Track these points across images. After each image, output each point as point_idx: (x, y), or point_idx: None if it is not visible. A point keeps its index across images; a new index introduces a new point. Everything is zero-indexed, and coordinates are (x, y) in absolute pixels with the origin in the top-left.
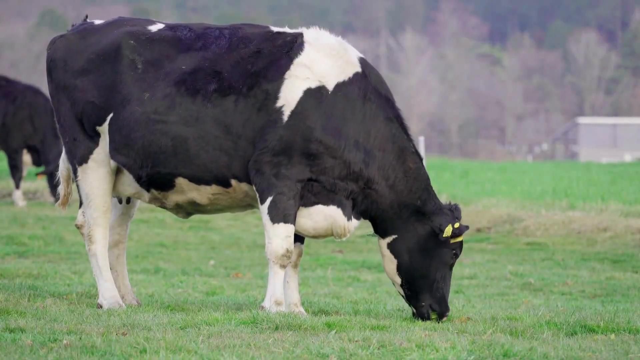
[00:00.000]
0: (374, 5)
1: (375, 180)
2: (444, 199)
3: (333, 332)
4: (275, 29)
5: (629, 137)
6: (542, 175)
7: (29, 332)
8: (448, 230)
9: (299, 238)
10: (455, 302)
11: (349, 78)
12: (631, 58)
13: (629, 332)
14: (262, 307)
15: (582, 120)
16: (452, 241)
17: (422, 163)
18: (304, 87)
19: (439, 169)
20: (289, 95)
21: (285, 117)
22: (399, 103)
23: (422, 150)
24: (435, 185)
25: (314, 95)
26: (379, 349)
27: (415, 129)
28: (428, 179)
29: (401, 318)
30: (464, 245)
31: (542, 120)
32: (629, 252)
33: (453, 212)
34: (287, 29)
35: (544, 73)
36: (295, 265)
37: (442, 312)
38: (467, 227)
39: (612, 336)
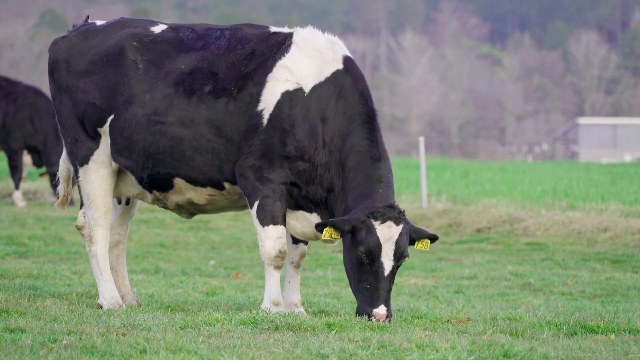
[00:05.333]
0: (374, 5)
1: (335, 183)
2: (444, 199)
3: (333, 332)
4: (273, 29)
5: (629, 137)
6: (542, 176)
7: (29, 332)
8: (325, 234)
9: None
10: (455, 302)
11: (326, 78)
12: (631, 58)
13: (629, 333)
14: (261, 310)
15: (582, 120)
16: (359, 240)
17: (368, 163)
18: (283, 89)
19: (439, 169)
20: (269, 98)
21: (265, 121)
22: (399, 103)
23: (422, 150)
24: (435, 186)
25: (291, 98)
26: (379, 349)
27: (415, 129)
28: (368, 180)
29: (401, 318)
30: (464, 246)
31: (542, 121)
32: (629, 252)
33: (368, 217)
34: (283, 29)
35: (544, 73)
36: (298, 266)
37: (360, 311)
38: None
39: (612, 336)
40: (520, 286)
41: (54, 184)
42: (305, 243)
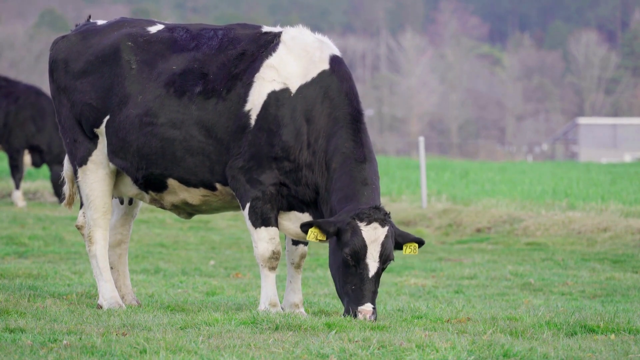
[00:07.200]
0: (374, 5)
1: (319, 184)
2: (444, 199)
3: (333, 332)
4: (265, 29)
5: (629, 137)
6: (542, 175)
7: (29, 332)
8: (310, 234)
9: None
10: (455, 302)
11: (312, 78)
12: (631, 58)
13: (629, 332)
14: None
15: (582, 120)
16: (343, 242)
17: (352, 165)
18: (269, 89)
19: (439, 169)
20: (256, 99)
21: (253, 121)
22: (399, 103)
23: (422, 150)
24: (435, 186)
25: (278, 98)
26: (379, 349)
27: (415, 129)
28: (352, 183)
29: (401, 318)
30: (464, 246)
31: (542, 121)
32: (629, 252)
33: (354, 218)
34: (274, 29)
35: (544, 73)
36: (298, 267)
37: (347, 310)
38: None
39: (612, 336)
40: (520, 286)
41: (59, 183)
42: (305, 244)
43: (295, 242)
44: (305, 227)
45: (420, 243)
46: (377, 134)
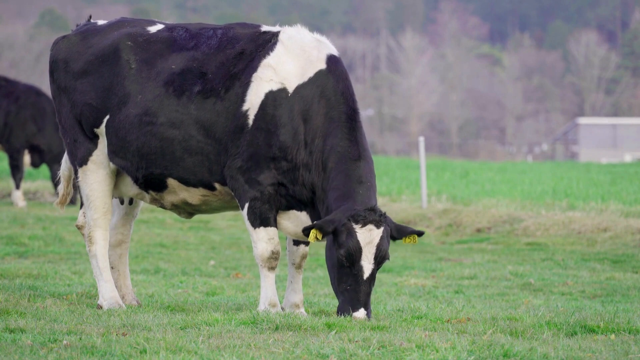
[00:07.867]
0: (374, 5)
1: (316, 184)
2: (444, 199)
3: (333, 332)
4: (264, 28)
5: (629, 137)
6: (542, 176)
7: (29, 333)
8: (310, 236)
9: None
10: (455, 302)
11: (309, 78)
12: (631, 58)
13: (629, 333)
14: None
15: (582, 120)
16: (339, 242)
17: (348, 163)
18: (267, 89)
19: (439, 169)
20: (253, 99)
21: (251, 121)
22: (399, 103)
23: (422, 150)
24: (435, 186)
25: (275, 98)
26: (379, 349)
27: (415, 129)
28: (348, 181)
29: (401, 318)
30: (464, 246)
31: (542, 121)
32: (629, 252)
33: (349, 220)
34: (272, 28)
35: (544, 73)
36: (299, 267)
37: (342, 311)
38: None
39: (612, 336)
40: (520, 286)
41: (55, 183)
42: (307, 244)
43: (297, 243)
44: (307, 230)
45: (419, 234)
46: (377, 134)
